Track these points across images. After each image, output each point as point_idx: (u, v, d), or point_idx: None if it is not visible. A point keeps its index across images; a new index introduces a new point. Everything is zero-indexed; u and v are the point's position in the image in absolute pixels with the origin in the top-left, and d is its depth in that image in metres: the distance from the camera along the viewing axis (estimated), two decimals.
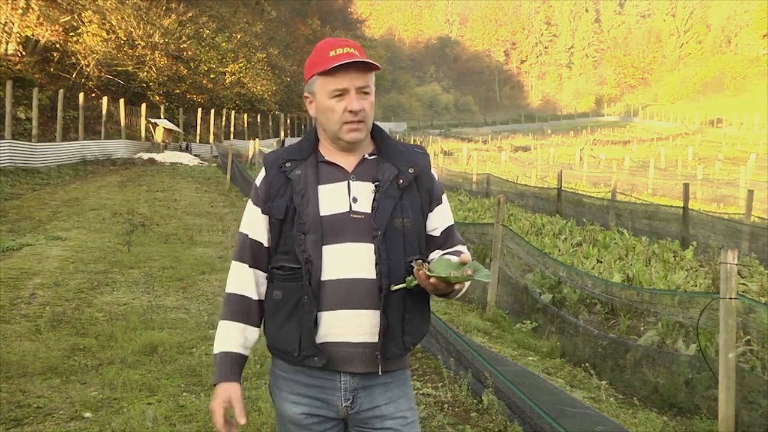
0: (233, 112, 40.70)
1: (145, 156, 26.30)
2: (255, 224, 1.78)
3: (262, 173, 1.79)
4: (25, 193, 14.99)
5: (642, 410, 4.49)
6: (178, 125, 33.36)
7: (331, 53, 1.69)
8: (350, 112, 1.69)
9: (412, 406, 1.81)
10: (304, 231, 1.67)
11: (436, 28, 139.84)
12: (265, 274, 1.78)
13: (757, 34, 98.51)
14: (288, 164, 1.75)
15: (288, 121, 48.48)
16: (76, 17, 28.63)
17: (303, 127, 52.24)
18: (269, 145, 30.19)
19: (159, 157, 26.43)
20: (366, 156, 1.77)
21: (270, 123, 45.59)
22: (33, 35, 26.24)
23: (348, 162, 1.75)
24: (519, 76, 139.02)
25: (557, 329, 6.28)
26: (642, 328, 6.28)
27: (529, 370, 4.82)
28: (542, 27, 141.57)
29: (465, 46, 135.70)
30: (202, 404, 3.90)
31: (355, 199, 1.70)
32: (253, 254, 1.78)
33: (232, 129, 39.74)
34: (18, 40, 25.57)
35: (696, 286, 7.85)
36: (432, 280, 1.58)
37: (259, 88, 41.59)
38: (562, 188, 16.84)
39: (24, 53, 26.01)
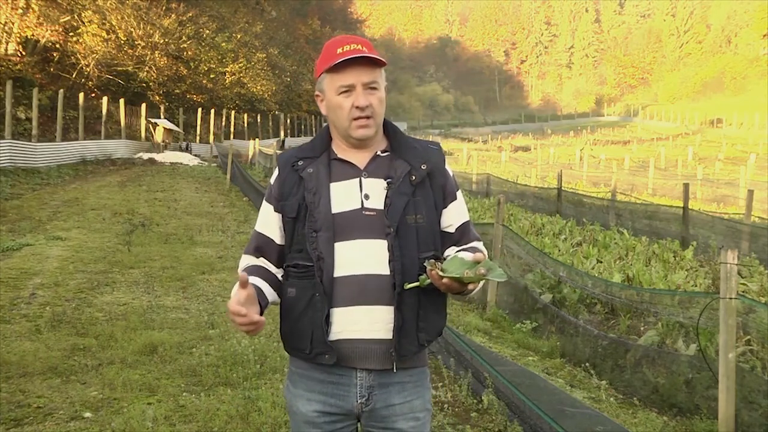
0: (233, 112, 40.69)
1: (145, 156, 26.29)
2: (267, 222, 1.80)
3: (276, 172, 1.80)
4: (25, 193, 14.99)
5: (642, 410, 4.49)
6: (178, 125, 33.34)
7: (339, 50, 1.69)
8: (357, 107, 1.69)
9: (427, 407, 1.80)
10: (315, 228, 1.67)
11: (436, 28, 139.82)
12: (270, 265, 1.80)
13: (757, 34, 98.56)
14: (300, 162, 1.75)
15: (288, 121, 48.48)
16: (76, 17, 28.63)
17: (303, 127, 52.25)
18: (269, 145, 30.17)
19: (159, 157, 26.42)
20: (379, 153, 1.77)
21: (270, 123, 45.59)
22: (33, 35, 26.23)
23: (360, 159, 1.75)
24: (519, 76, 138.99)
25: (557, 329, 6.27)
26: (642, 328, 6.28)
27: (529, 370, 4.81)
28: (542, 27, 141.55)
29: (465, 46, 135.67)
30: (202, 404, 3.90)
31: (367, 196, 1.71)
32: (258, 247, 1.80)
33: (232, 129, 39.72)
34: (18, 40, 25.57)
35: (696, 286, 7.85)
36: (445, 280, 1.58)
37: (259, 88, 41.61)
38: (562, 188, 16.84)
39: (24, 53, 26.01)
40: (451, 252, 1.74)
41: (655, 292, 6.15)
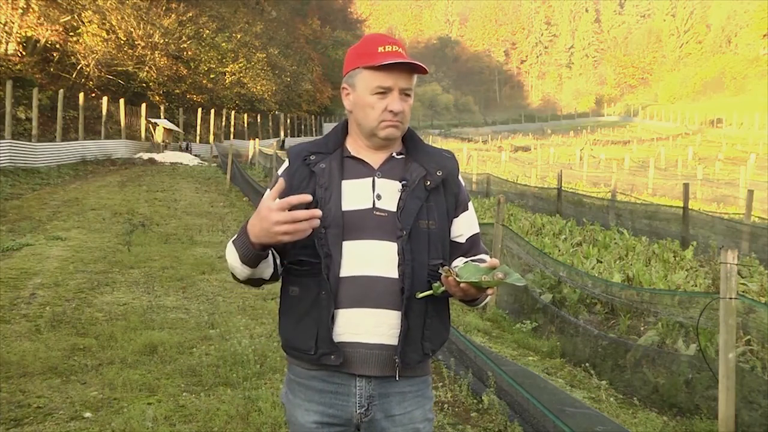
0: (233, 112, 40.71)
1: (145, 156, 26.30)
2: None
3: (285, 164, 1.75)
4: (25, 193, 14.99)
5: (642, 410, 4.49)
6: (178, 125, 33.35)
7: (380, 49, 1.65)
8: (391, 111, 1.66)
9: (428, 416, 1.76)
10: (324, 225, 1.62)
11: (436, 28, 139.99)
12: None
13: (757, 34, 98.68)
14: (312, 157, 1.71)
15: (288, 121, 48.49)
16: (76, 17, 28.66)
17: (303, 127, 52.25)
18: (269, 145, 30.16)
19: (159, 157, 26.43)
20: (394, 154, 1.74)
21: (270, 123, 45.60)
22: (33, 35, 26.25)
23: (375, 159, 1.72)
24: (519, 76, 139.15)
25: (557, 329, 6.27)
26: (642, 328, 6.28)
27: (529, 369, 4.82)
28: (542, 27, 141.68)
29: (465, 46, 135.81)
30: (202, 404, 3.90)
31: (379, 196, 1.67)
32: None
33: (232, 129, 39.74)
34: (18, 40, 25.58)
35: (696, 286, 7.85)
36: (463, 285, 1.54)
37: (259, 88, 41.64)
38: (562, 188, 16.84)
39: (24, 53, 26.02)
40: (459, 262, 1.69)
41: (655, 292, 6.14)
